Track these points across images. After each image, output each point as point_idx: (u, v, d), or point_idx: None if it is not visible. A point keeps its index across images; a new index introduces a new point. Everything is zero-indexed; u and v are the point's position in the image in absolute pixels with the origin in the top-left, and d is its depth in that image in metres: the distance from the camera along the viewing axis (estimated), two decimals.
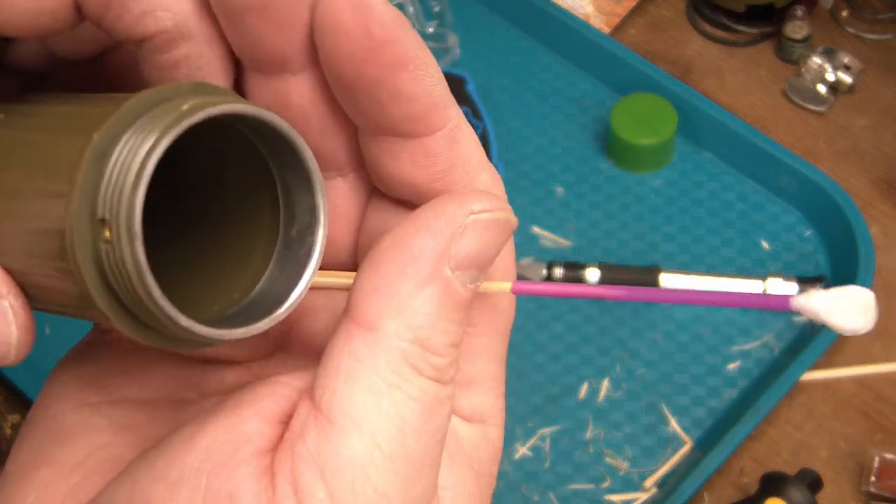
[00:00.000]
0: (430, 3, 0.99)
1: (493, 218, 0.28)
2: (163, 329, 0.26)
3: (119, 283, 0.26)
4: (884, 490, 0.75)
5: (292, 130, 0.27)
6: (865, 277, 0.81)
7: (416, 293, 0.27)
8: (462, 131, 0.29)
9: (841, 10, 0.97)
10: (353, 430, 0.26)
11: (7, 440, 0.81)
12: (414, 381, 0.27)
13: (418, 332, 0.27)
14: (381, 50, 0.27)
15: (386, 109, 0.28)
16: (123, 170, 0.25)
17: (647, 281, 0.83)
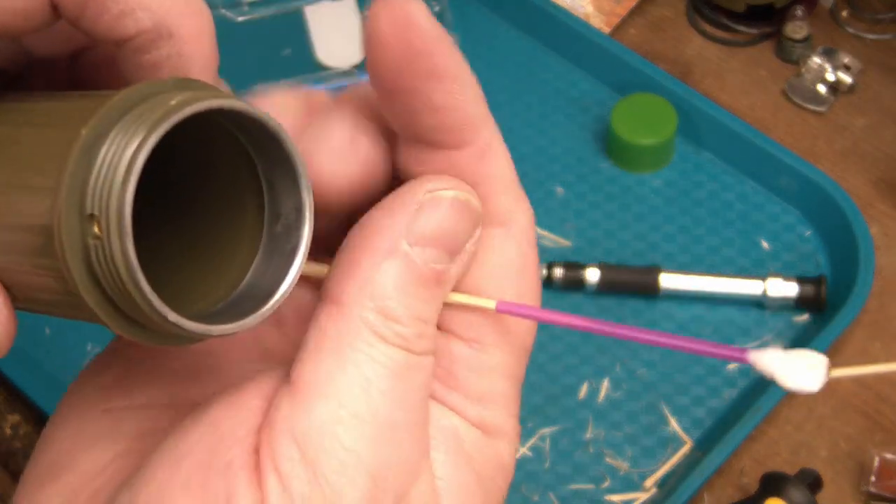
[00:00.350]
0: (430, 3, 0.99)
1: (452, 196, 0.29)
2: (151, 325, 0.27)
3: (108, 279, 0.26)
4: (884, 490, 0.75)
5: (280, 127, 0.27)
6: (865, 277, 0.81)
7: (376, 267, 0.28)
8: (494, 152, 0.30)
9: (841, 10, 0.97)
10: (320, 394, 0.27)
11: (7, 440, 0.81)
12: (377, 345, 0.28)
13: (379, 302, 0.28)
14: (419, 60, 0.28)
15: (418, 118, 0.29)
16: (112, 166, 0.25)
17: (647, 281, 0.83)
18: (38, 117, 0.28)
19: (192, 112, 0.26)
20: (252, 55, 0.96)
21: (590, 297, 0.84)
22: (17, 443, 0.80)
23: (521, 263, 0.31)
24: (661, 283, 0.82)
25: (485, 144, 0.30)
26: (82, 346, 0.83)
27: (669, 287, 0.83)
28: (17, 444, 0.80)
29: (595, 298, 0.84)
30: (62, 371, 0.83)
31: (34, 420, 0.81)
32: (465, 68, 0.29)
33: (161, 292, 0.26)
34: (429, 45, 0.28)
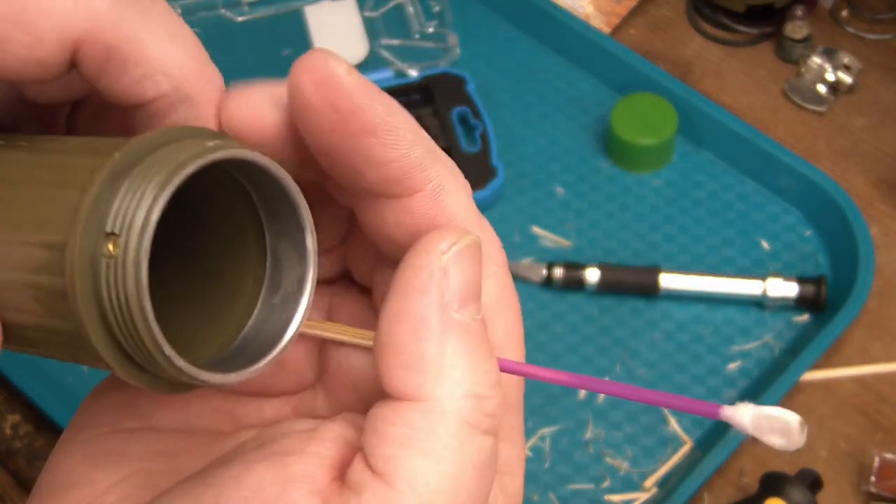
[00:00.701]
0: (430, 3, 0.99)
1: (464, 246, 0.29)
2: (155, 370, 0.26)
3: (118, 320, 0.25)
4: (884, 490, 0.75)
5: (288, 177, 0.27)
6: (865, 277, 0.81)
7: (442, 350, 0.28)
8: (446, 191, 0.29)
9: (841, 10, 0.97)
10: (412, 494, 0.27)
11: (7, 440, 0.81)
12: (470, 441, 0.28)
13: (465, 386, 0.28)
14: (349, 121, 0.28)
15: (362, 175, 0.29)
16: (131, 210, 0.25)
17: (647, 281, 0.83)
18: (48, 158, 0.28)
19: (222, 158, 0.26)
20: (252, 55, 0.96)
21: (590, 297, 0.84)
22: (17, 443, 0.80)
23: (503, 297, 0.31)
24: (661, 283, 0.82)
25: (436, 186, 0.29)
26: None
27: (669, 287, 0.83)
28: (17, 444, 0.80)
29: (595, 298, 0.84)
30: (62, 371, 0.83)
31: (34, 420, 0.81)
32: (398, 115, 0.28)
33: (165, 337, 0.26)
34: (356, 102, 0.27)
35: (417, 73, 0.93)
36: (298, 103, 0.28)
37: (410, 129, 0.29)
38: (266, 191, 0.28)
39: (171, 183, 0.25)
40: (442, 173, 0.29)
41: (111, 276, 0.25)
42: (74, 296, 0.25)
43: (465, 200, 0.30)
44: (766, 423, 0.26)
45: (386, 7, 0.99)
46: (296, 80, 0.28)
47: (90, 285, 0.25)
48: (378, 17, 0.98)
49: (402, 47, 0.97)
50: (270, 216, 0.29)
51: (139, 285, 0.25)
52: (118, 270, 0.25)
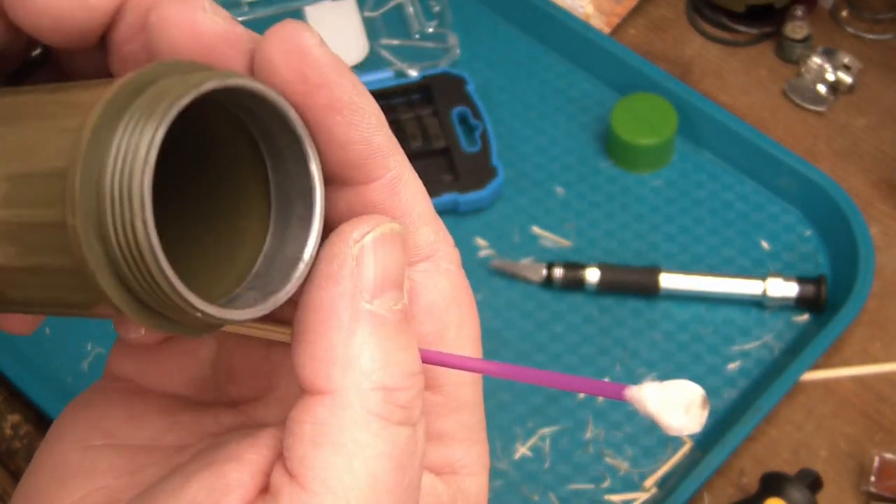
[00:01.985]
0: (430, 3, 0.99)
1: (378, 234, 0.28)
2: (169, 311, 0.26)
3: (126, 261, 0.25)
4: (884, 490, 0.75)
5: (287, 104, 0.27)
6: (865, 277, 0.81)
7: (349, 341, 0.27)
8: (404, 182, 0.29)
9: (841, 10, 0.97)
10: (326, 493, 0.26)
11: (7, 440, 0.81)
12: (382, 433, 0.27)
13: (372, 377, 0.27)
14: (315, 93, 0.27)
15: (323, 156, 0.28)
16: (131, 146, 0.25)
17: (647, 281, 0.83)
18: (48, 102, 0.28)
19: (212, 88, 0.25)
20: None
21: (590, 297, 0.84)
22: (17, 443, 0.80)
23: (456, 294, 0.30)
24: (661, 283, 0.82)
25: (394, 176, 0.29)
26: (82, 346, 0.83)
27: (669, 287, 0.83)
28: (17, 444, 0.80)
29: (595, 298, 0.84)
30: (62, 371, 0.83)
31: (34, 420, 0.81)
32: (365, 97, 0.28)
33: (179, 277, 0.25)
34: (325, 76, 0.27)
35: (417, 73, 0.93)
36: (266, 71, 0.27)
37: (375, 114, 0.28)
38: (266, 122, 0.28)
39: (170, 112, 0.25)
40: (401, 164, 0.29)
41: (116, 206, 0.25)
42: (77, 231, 0.25)
43: (423, 196, 0.30)
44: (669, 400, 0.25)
45: (386, 7, 0.99)
46: (266, 47, 0.27)
47: (94, 218, 0.25)
48: (378, 17, 0.98)
49: (402, 47, 0.97)
50: (272, 148, 0.28)
51: (145, 217, 0.24)
52: (123, 202, 0.24)
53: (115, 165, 0.25)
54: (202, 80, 0.25)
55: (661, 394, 0.25)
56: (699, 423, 0.25)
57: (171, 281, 0.25)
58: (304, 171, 0.28)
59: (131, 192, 0.24)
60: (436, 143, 0.88)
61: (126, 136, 0.25)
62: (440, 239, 0.30)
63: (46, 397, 0.80)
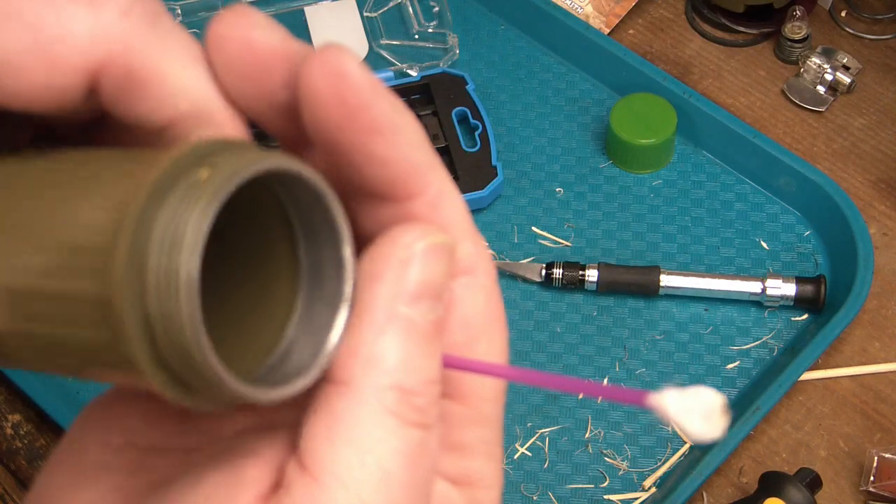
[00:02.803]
0: (429, 3, 0.99)
1: (430, 244, 0.28)
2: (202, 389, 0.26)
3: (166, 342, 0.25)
4: (883, 490, 0.75)
5: (326, 188, 0.27)
6: (864, 277, 0.81)
7: (378, 339, 0.28)
8: (445, 197, 0.29)
9: (840, 10, 0.98)
10: (339, 487, 0.27)
11: (8, 440, 0.81)
12: (397, 431, 0.27)
13: (392, 377, 0.27)
14: (356, 116, 0.27)
15: (364, 173, 0.28)
16: (178, 229, 0.25)
17: (647, 281, 0.83)
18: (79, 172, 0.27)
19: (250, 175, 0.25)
20: None
21: (590, 297, 0.85)
22: (17, 442, 0.80)
23: (491, 312, 0.30)
24: (661, 283, 0.83)
25: (436, 192, 0.29)
26: None
27: (669, 287, 0.83)
28: (17, 444, 0.80)
29: (595, 298, 0.84)
30: None
31: (35, 419, 0.81)
32: (404, 116, 0.28)
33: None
34: (365, 98, 0.27)
35: (417, 73, 0.93)
36: (308, 94, 0.28)
37: (415, 132, 0.29)
38: (303, 201, 0.28)
39: (220, 195, 0.25)
40: (443, 180, 0.29)
41: (161, 288, 0.25)
42: (121, 305, 0.25)
43: (463, 211, 0.30)
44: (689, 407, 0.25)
45: (386, 7, 0.99)
46: (307, 71, 0.27)
47: (137, 297, 0.25)
48: (378, 17, 0.98)
49: (402, 47, 0.97)
50: (307, 227, 0.28)
51: (192, 305, 0.24)
52: (168, 285, 0.24)
53: (161, 246, 0.25)
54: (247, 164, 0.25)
55: (682, 401, 0.25)
56: (721, 430, 0.26)
57: (213, 368, 0.25)
58: (337, 253, 0.28)
59: (178, 279, 0.24)
60: (436, 143, 0.89)
61: (174, 217, 0.25)
62: (479, 254, 0.30)
63: (47, 397, 0.80)
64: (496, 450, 0.31)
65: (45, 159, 0.28)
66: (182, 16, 0.98)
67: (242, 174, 0.25)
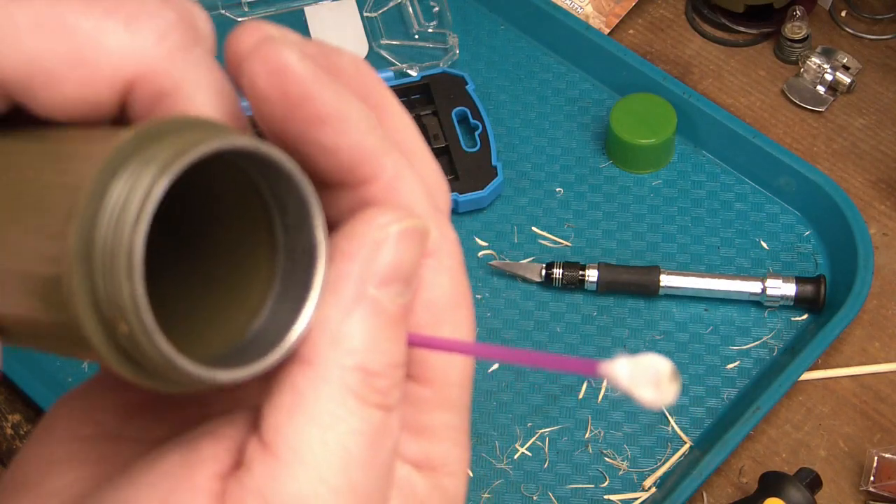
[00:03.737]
0: (429, 3, 0.99)
1: (404, 227, 0.28)
2: (157, 370, 0.26)
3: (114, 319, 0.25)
4: (883, 490, 0.75)
5: (294, 166, 0.27)
6: (864, 277, 0.81)
7: (345, 319, 0.28)
8: (403, 181, 0.29)
9: (840, 10, 0.98)
10: (298, 464, 0.27)
11: (7, 440, 0.81)
12: (358, 412, 0.27)
13: (356, 357, 0.27)
14: (299, 108, 0.28)
15: (316, 163, 0.29)
16: (124, 208, 0.25)
17: (647, 281, 0.83)
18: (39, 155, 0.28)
19: (204, 153, 0.25)
20: None
21: (590, 297, 0.85)
22: (17, 442, 0.81)
23: (456, 294, 0.30)
24: (661, 283, 0.83)
25: (391, 175, 0.29)
26: None
27: (669, 287, 0.83)
28: (17, 444, 0.80)
29: (595, 298, 0.84)
30: (62, 371, 0.83)
31: (35, 419, 0.81)
32: (349, 103, 0.28)
33: (168, 335, 0.25)
34: (306, 90, 0.28)
35: (417, 73, 0.93)
36: (251, 91, 0.28)
37: (364, 117, 0.29)
38: (277, 185, 0.28)
39: (167, 172, 0.25)
40: (399, 163, 0.29)
41: (105, 269, 0.25)
42: (70, 287, 0.25)
43: (423, 193, 0.30)
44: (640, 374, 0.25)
45: (386, 7, 0.99)
46: (249, 69, 0.28)
47: (86, 277, 0.25)
48: (378, 17, 0.98)
49: (402, 47, 0.97)
50: (281, 210, 0.28)
51: (133, 281, 0.24)
52: (112, 262, 0.24)
53: (108, 221, 0.25)
54: (200, 141, 0.25)
55: (632, 370, 0.25)
56: (671, 397, 0.25)
57: (157, 344, 0.25)
58: (310, 237, 0.28)
59: (119, 250, 0.24)
60: (435, 143, 0.89)
61: (123, 192, 0.25)
62: (443, 236, 0.30)
63: (47, 397, 0.80)
64: (462, 437, 0.31)
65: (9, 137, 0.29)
66: None
67: (196, 151, 0.25)
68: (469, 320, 0.31)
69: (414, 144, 0.32)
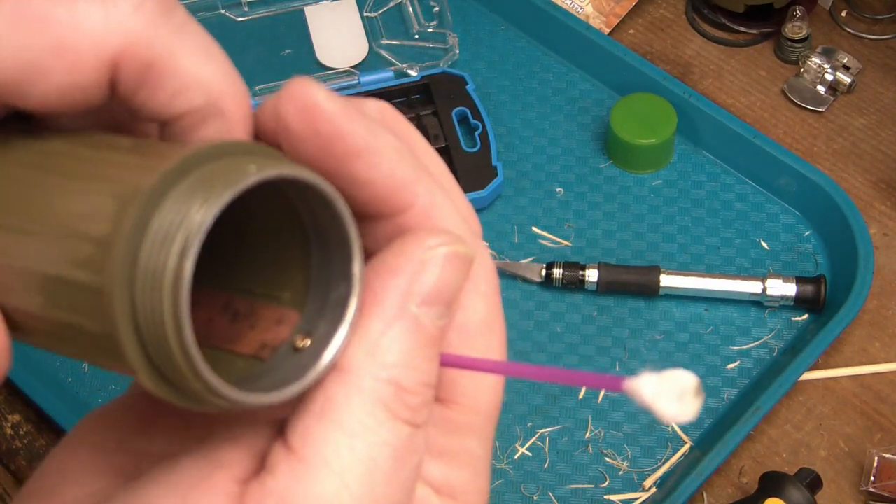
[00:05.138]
0: (429, 3, 0.99)
1: (451, 251, 0.29)
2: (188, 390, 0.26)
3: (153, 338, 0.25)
4: (883, 490, 0.75)
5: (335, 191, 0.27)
6: (864, 277, 0.81)
7: (385, 332, 0.28)
8: (439, 208, 0.30)
9: (840, 10, 0.98)
10: (324, 468, 0.27)
11: (7, 440, 0.81)
12: (387, 423, 0.28)
13: (391, 371, 0.28)
14: (331, 145, 0.28)
15: (351, 196, 0.29)
16: (173, 229, 0.25)
17: (647, 281, 0.83)
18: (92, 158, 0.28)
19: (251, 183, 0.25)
20: (252, 55, 0.96)
21: (590, 297, 0.84)
22: (17, 442, 0.80)
23: (489, 320, 0.30)
24: (661, 283, 0.83)
25: (426, 202, 0.30)
26: None
27: (669, 287, 0.83)
28: (17, 444, 0.80)
29: (595, 298, 0.84)
30: (62, 371, 0.83)
31: (35, 419, 0.81)
32: (379, 136, 0.29)
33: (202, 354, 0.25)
34: (336, 127, 0.28)
35: (417, 73, 0.93)
36: (284, 131, 0.28)
37: (394, 148, 0.29)
38: (315, 210, 0.28)
39: (216, 203, 0.25)
40: (431, 190, 0.30)
41: (148, 289, 0.25)
42: (111, 297, 0.25)
43: (459, 217, 0.30)
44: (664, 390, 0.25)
45: (386, 7, 0.99)
46: (281, 109, 0.28)
47: (127, 291, 0.25)
48: (378, 17, 0.98)
49: (402, 47, 0.97)
50: (318, 235, 0.29)
51: (178, 307, 0.24)
52: (156, 281, 0.24)
53: (154, 244, 0.25)
54: (252, 171, 0.26)
55: (657, 384, 0.25)
56: (693, 412, 0.25)
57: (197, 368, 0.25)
58: (347, 267, 0.28)
59: (164, 277, 0.24)
60: (436, 143, 0.89)
61: (170, 219, 0.25)
62: (479, 262, 0.30)
63: (46, 397, 0.80)
64: (484, 468, 0.31)
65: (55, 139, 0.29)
66: None
67: (243, 183, 0.25)
68: (501, 346, 0.31)
69: (444, 178, 0.32)
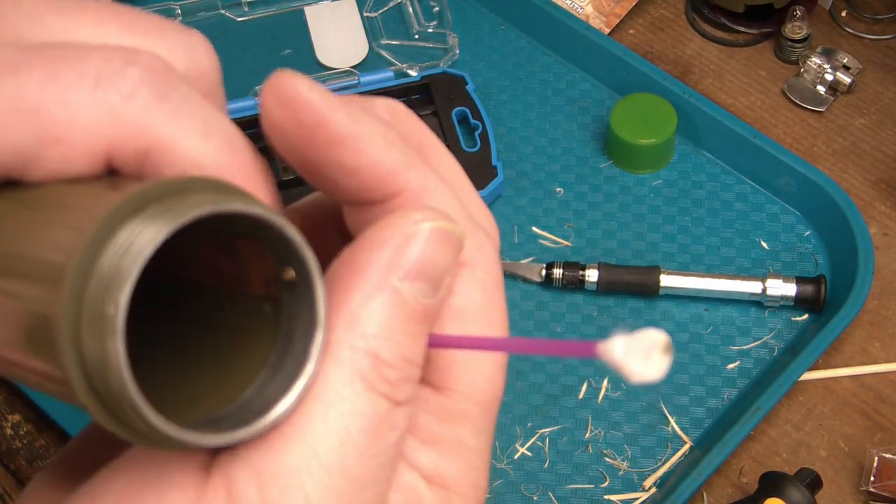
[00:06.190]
0: (429, 3, 0.99)
1: (437, 227, 0.28)
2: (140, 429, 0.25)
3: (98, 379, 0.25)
4: (883, 490, 0.75)
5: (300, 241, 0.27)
6: (864, 277, 0.81)
7: (365, 303, 0.27)
8: (431, 192, 0.29)
9: (840, 10, 0.98)
10: (296, 437, 0.27)
11: (7, 440, 0.81)
12: (364, 394, 0.27)
13: (370, 343, 0.27)
14: (315, 133, 0.28)
15: (340, 184, 0.29)
16: (117, 261, 0.24)
17: (647, 281, 0.83)
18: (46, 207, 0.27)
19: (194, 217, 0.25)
20: (252, 55, 0.96)
21: (590, 297, 0.84)
22: (17, 442, 0.80)
23: (487, 310, 0.30)
24: (661, 283, 0.83)
25: (418, 187, 0.29)
26: None
27: (669, 287, 0.83)
28: (17, 444, 0.80)
29: (595, 298, 0.84)
30: None
31: (35, 419, 0.81)
32: (363, 122, 0.28)
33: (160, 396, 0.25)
34: (318, 116, 0.28)
35: (417, 73, 0.93)
36: (267, 125, 0.28)
37: (382, 136, 0.29)
38: (282, 252, 0.28)
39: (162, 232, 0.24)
40: (424, 174, 0.29)
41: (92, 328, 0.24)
42: (60, 343, 0.24)
43: (454, 201, 0.30)
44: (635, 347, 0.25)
45: (386, 7, 0.99)
46: (262, 103, 0.28)
47: (73, 323, 0.24)
48: (378, 17, 0.98)
49: (402, 47, 0.97)
50: (285, 278, 0.28)
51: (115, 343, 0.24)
52: (97, 322, 0.24)
53: (101, 278, 0.24)
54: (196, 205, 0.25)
55: (627, 344, 0.25)
56: (661, 370, 0.25)
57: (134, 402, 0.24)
58: (311, 310, 0.27)
59: (105, 313, 0.24)
60: None
61: (120, 247, 0.24)
62: (480, 249, 0.30)
63: (46, 397, 0.80)
64: (479, 462, 0.30)
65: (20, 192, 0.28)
66: (182, 16, 0.98)
67: (189, 214, 0.25)
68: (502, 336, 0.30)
69: (457, 181, 0.31)
